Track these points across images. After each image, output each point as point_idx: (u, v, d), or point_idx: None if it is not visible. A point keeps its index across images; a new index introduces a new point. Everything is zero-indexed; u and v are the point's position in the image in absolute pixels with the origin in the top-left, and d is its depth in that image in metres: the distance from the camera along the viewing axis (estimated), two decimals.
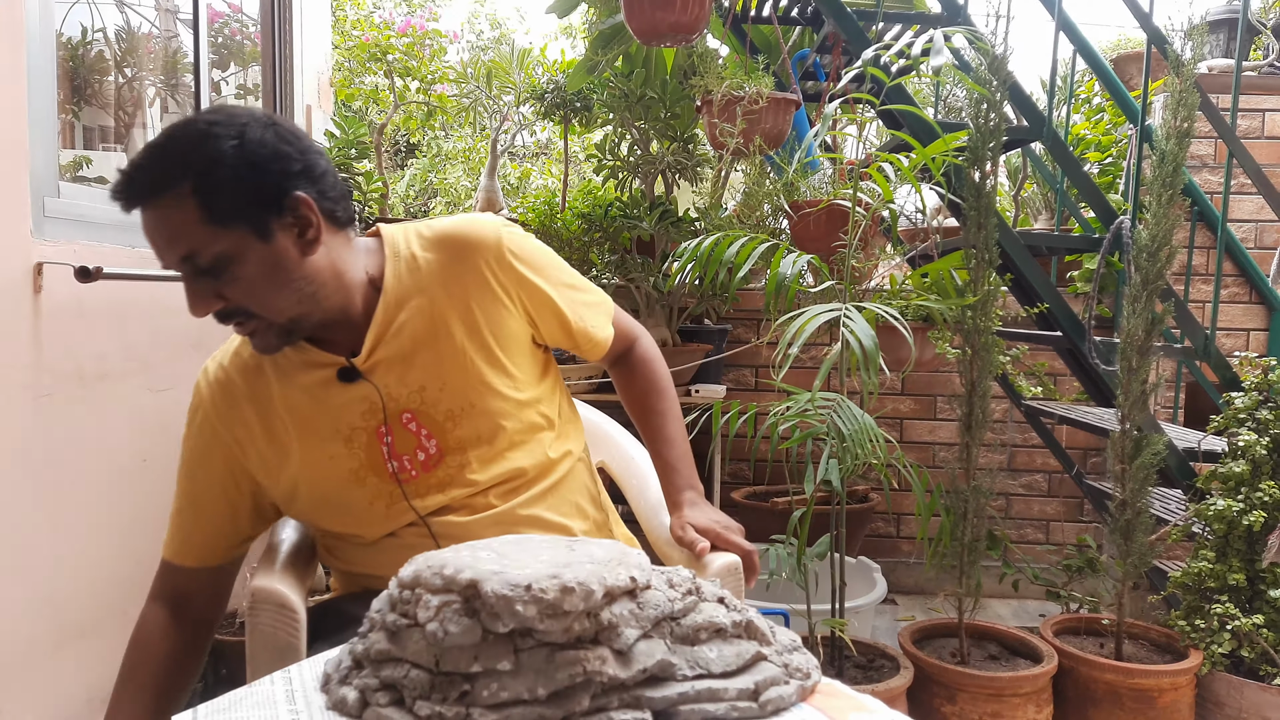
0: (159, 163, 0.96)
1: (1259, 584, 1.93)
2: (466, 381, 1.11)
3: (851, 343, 1.50)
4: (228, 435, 1.14)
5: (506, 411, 1.12)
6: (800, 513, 1.76)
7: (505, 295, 1.13)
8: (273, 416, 1.13)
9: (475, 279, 1.12)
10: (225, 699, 0.73)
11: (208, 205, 0.96)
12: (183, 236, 0.96)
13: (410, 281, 1.11)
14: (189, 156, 0.96)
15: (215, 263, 0.98)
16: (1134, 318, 1.96)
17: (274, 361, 1.13)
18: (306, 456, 1.11)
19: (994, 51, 1.94)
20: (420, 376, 1.11)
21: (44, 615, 1.63)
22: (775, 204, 2.13)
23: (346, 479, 1.11)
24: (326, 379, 1.11)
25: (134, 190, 0.97)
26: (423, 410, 1.11)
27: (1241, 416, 2.02)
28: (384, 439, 1.10)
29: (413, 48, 3.16)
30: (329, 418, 1.11)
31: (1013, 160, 3.38)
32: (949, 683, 1.86)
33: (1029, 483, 3.14)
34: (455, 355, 1.11)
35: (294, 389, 1.12)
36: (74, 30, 1.94)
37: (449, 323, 1.11)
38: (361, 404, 1.11)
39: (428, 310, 1.10)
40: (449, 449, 1.11)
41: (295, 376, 1.12)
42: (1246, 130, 2.85)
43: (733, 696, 0.70)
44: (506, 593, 0.65)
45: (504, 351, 1.13)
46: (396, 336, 1.10)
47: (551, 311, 1.18)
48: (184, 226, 0.96)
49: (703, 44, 2.65)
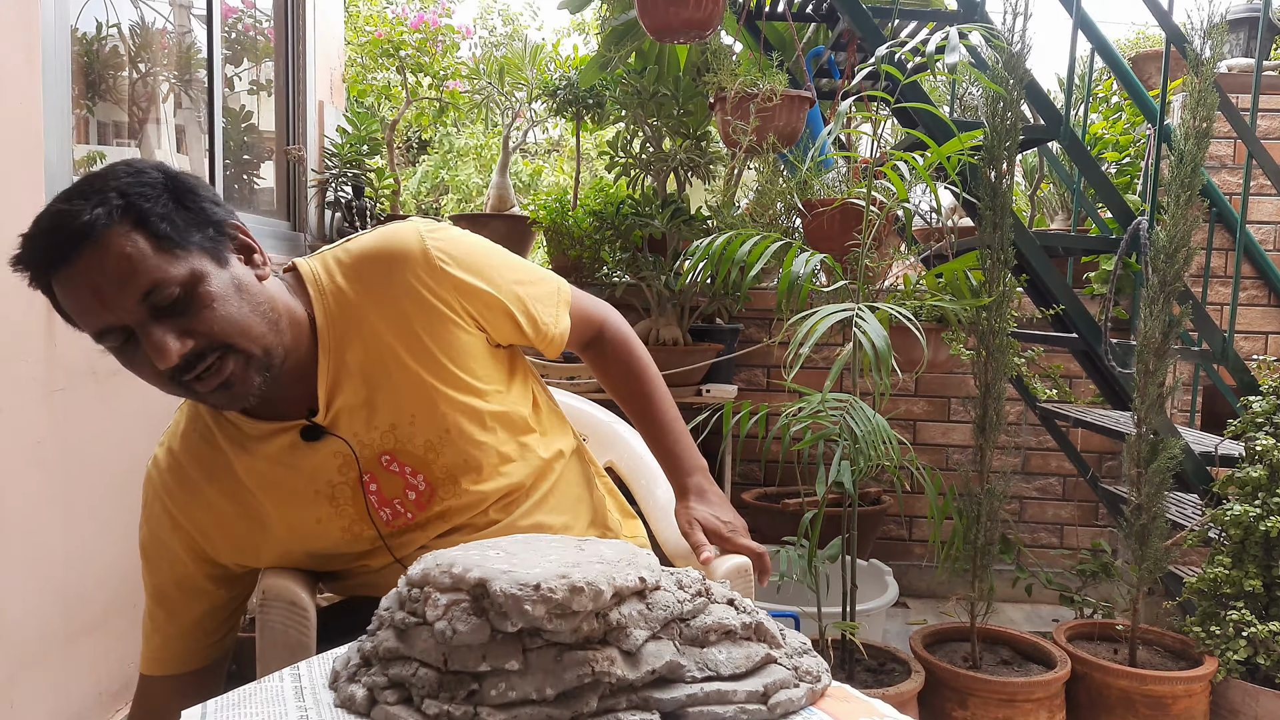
0: (87, 203, 0.84)
1: (1275, 590, 1.91)
2: (434, 408, 1.03)
3: (864, 343, 1.49)
4: (189, 524, 1.05)
5: (484, 427, 1.05)
6: (812, 514, 1.75)
7: (445, 307, 1.02)
8: (241, 493, 1.04)
9: (409, 297, 1.00)
10: (234, 694, 0.73)
11: (156, 233, 0.85)
12: (140, 271, 0.84)
13: (342, 317, 1.00)
14: (121, 186, 0.86)
15: (182, 292, 0.86)
16: (1151, 320, 1.94)
17: (228, 436, 1.03)
18: (291, 524, 1.05)
19: (1011, 49, 1.92)
20: (387, 416, 1.02)
21: (56, 609, 1.64)
22: (788, 202, 2.12)
23: (341, 537, 1.06)
24: (291, 443, 1.01)
25: (61, 241, 0.83)
26: (400, 448, 1.03)
27: (1259, 421, 2.00)
28: (368, 488, 1.03)
29: (425, 43, 3.16)
30: (304, 481, 1.03)
31: (1029, 159, 3.36)
32: (961, 687, 1.85)
33: (1043, 486, 3.12)
34: (414, 384, 1.02)
35: (258, 460, 1.02)
36: (89, 25, 1.95)
37: (396, 352, 1.01)
38: (335, 459, 1.03)
39: (370, 344, 1.00)
40: (437, 481, 1.05)
41: (255, 449, 1.02)
42: (1266, 130, 2.82)
43: (742, 699, 0.69)
44: (515, 592, 0.65)
45: (460, 367, 1.04)
46: (349, 380, 1.01)
47: (499, 312, 1.07)
48: (138, 261, 0.84)
49: (716, 40, 2.64)
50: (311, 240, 2.88)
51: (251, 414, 1.02)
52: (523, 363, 1.20)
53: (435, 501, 1.06)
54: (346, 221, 2.91)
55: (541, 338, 1.13)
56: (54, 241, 0.84)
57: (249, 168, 2.73)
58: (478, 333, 1.06)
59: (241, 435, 1.03)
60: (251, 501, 1.04)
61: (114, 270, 0.83)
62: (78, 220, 0.83)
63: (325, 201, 2.95)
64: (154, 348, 0.86)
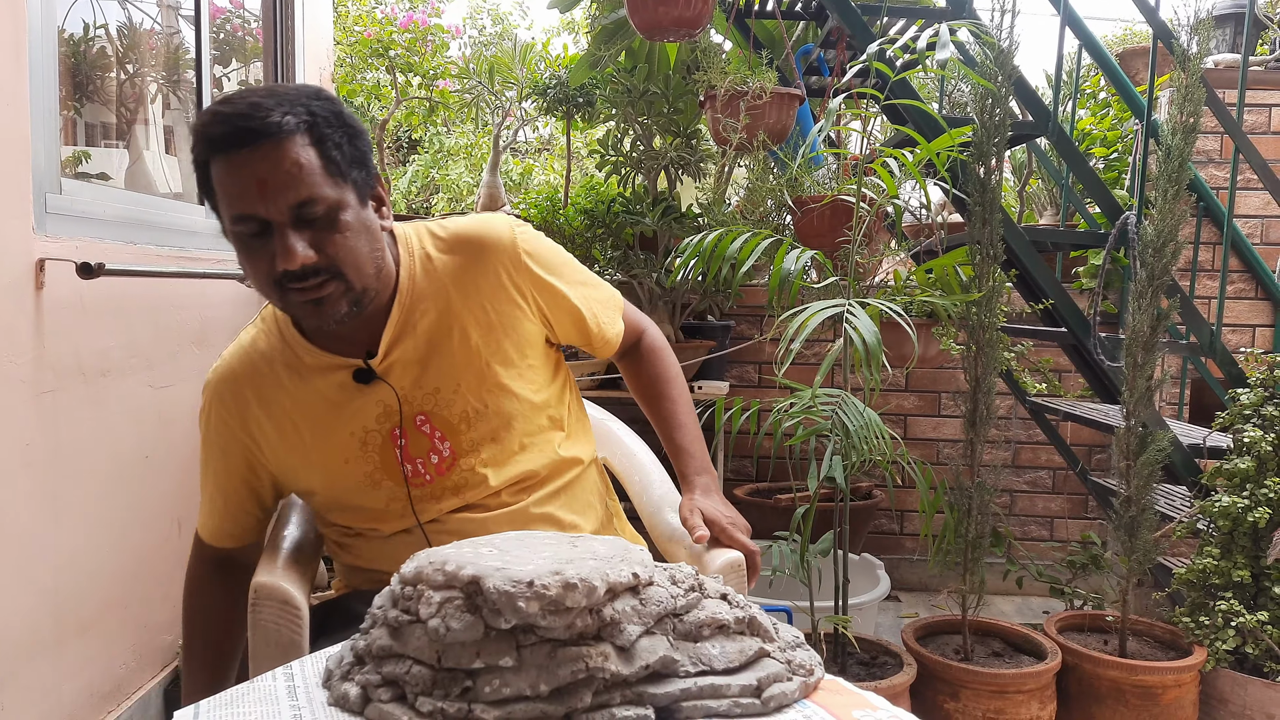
0: (281, 106, 0.93)
1: (1264, 581, 1.93)
2: (481, 384, 1.10)
3: (855, 339, 1.49)
4: (243, 433, 1.14)
5: (519, 413, 1.12)
6: (804, 509, 1.76)
7: (520, 297, 1.12)
8: (284, 420, 1.11)
9: (491, 281, 1.10)
10: (228, 694, 0.73)
11: (326, 157, 0.95)
12: (303, 182, 0.93)
13: (425, 282, 1.10)
14: (310, 106, 0.95)
15: (326, 213, 0.95)
16: (1139, 314, 1.95)
17: (287, 364, 1.11)
18: (321, 460, 1.11)
19: (999, 46, 1.93)
20: (435, 378, 1.10)
21: (46, 611, 1.63)
22: (779, 199, 2.12)
23: (361, 482, 1.11)
24: (342, 381, 1.09)
25: (245, 129, 0.91)
26: (436, 413, 1.10)
27: (1247, 413, 2.02)
28: (398, 442, 1.10)
29: (415, 43, 3.15)
30: (344, 421, 1.10)
31: (1018, 155, 3.37)
32: (952, 679, 1.86)
33: (1033, 479, 3.13)
34: (470, 358, 1.10)
35: (309, 391, 1.10)
36: (76, 26, 1.94)
37: (464, 325, 1.10)
38: (376, 407, 1.10)
39: (443, 312, 1.09)
40: (462, 451, 1.11)
41: (310, 379, 1.10)
42: (1253, 125, 2.83)
43: (735, 693, 0.69)
44: (509, 589, 0.65)
45: (518, 354, 1.12)
46: (412, 337, 1.09)
47: (568, 312, 1.17)
48: (306, 172, 0.93)
49: (706, 39, 2.64)
50: None
51: (316, 343, 1.09)
52: (565, 369, 1.25)
53: (454, 471, 1.10)
54: None
55: (599, 339, 1.22)
56: (239, 127, 0.92)
57: None
58: (541, 327, 1.15)
59: (300, 364, 1.10)
60: (292, 431, 1.11)
61: (283, 171, 0.92)
62: (268, 118, 0.92)
63: None
64: (284, 249, 0.94)
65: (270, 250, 0.95)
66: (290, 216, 0.94)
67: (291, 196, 0.93)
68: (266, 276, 0.97)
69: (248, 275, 1.01)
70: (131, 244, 1.87)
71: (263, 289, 0.99)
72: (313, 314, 1.00)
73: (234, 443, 1.15)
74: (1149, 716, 1.87)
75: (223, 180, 0.95)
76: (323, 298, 0.98)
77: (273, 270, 0.95)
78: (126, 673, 1.91)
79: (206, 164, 0.96)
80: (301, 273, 0.95)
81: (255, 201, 0.93)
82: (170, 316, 2.02)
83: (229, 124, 0.92)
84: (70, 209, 1.69)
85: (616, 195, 2.73)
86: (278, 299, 1.00)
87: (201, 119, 0.95)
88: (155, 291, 1.96)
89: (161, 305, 1.98)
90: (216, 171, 0.95)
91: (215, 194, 0.97)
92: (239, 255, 0.99)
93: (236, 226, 0.96)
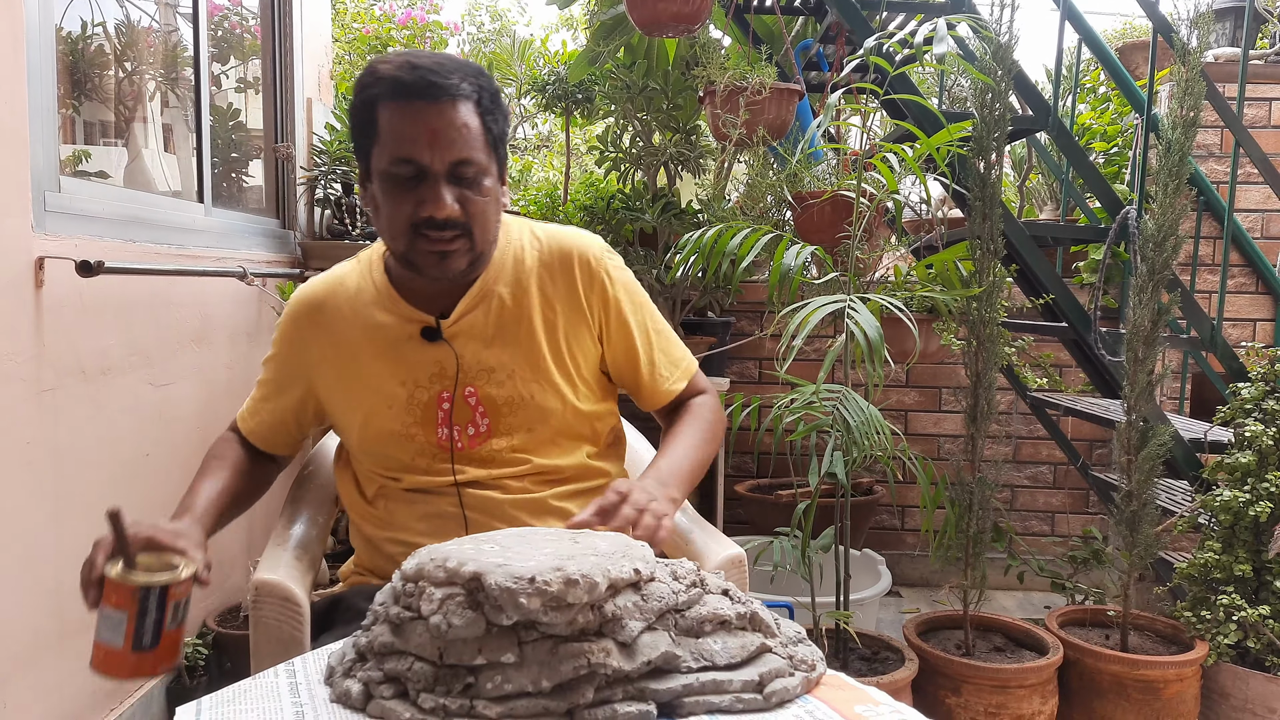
0: (459, 72, 1.03)
1: (1265, 575, 1.93)
2: (533, 375, 1.15)
3: (856, 334, 1.49)
4: (307, 353, 1.20)
5: (559, 413, 1.17)
6: (805, 505, 1.75)
7: (589, 313, 1.19)
8: (347, 352, 1.17)
9: (568, 289, 1.18)
10: (230, 690, 0.73)
11: (488, 128, 1.05)
12: (467, 143, 1.03)
13: (512, 269, 1.17)
14: (480, 80, 1.06)
15: (475, 176, 1.04)
16: (1140, 308, 1.95)
17: (368, 304, 1.17)
18: (368, 401, 1.16)
19: (999, 40, 1.92)
20: (493, 358, 1.15)
21: (48, 610, 1.63)
22: (779, 195, 2.12)
23: (395, 429, 1.15)
24: (411, 334, 1.15)
25: (425, 85, 1.00)
26: (485, 390, 1.15)
27: (1248, 407, 2.01)
28: (443, 404, 1.15)
29: (413, 40, 3.15)
30: (399, 370, 1.15)
31: (1018, 150, 3.37)
32: (954, 674, 1.86)
33: (1034, 474, 3.13)
34: (530, 350, 1.16)
35: (379, 335, 1.16)
36: (74, 25, 1.93)
37: (533, 319, 1.16)
38: (433, 366, 1.15)
39: (519, 301, 1.16)
40: (497, 432, 1.15)
41: (384, 324, 1.16)
42: (1253, 119, 2.83)
43: (737, 688, 0.69)
44: (510, 585, 0.65)
45: (573, 363, 1.18)
46: (485, 313, 1.15)
47: (625, 343, 1.21)
48: (470, 136, 1.03)
49: (705, 34, 2.63)
50: (301, 238, 2.87)
51: (405, 294, 1.16)
52: (616, 412, 1.28)
53: (485, 448, 1.15)
54: (336, 219, 2.90)
55: (648, 387, 1.24)
56: (427, 80, 1.01)
57: (237, 166, 2.72)
58: (598, 346, 1.21)
59: (380, 307, 1.16)
60: (351, 363, 1.17)
61: (452, 129, 1.02)
62: (448, 80, 1.02)
63: (315, 199, 2.94)
64: (436, 196, 1.02)
65: (417, 196, 1.03)
66: (447, 170, 1.03)
67: (454, 153, 1.02)
68: (405, 219, 1.04)
69: (381, 214, 1.07)
70: (131, 242, 1.86)
71: (394, 230, 1.06)
72: (435, 264, 1.07)
73: (296, 359, 1.21)
74: (1150, 711, 1.87)
75: (394, 123, 1.02)
76: (450, 251, 1.06)
77: (414, 214, 1.03)
78: None
79: (375, 104, 1.03)
80: (442, 223, 1.03)
81: (422, 149, 1.01)
82: (170, 314, 2.02)
83: (417, 74, 1.01)
84: (69, 207, 1.69)
85: (616, 191, 2.72)
86: (406, 242, 1.06)
87: (388, 64, 1.03)
88: (155, 290, 1.95)
89: (161, 303, 1.98)
90: (388, 114, 1.02)
91: (376, 134, 1.04)
92: (381, 195, 1.06)
93: (395, 168, 1.03)
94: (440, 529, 1.12)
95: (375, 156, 1.05)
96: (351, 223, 2.88)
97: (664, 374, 1.24)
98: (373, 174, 1.06)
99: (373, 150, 1.05)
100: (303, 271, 2.76)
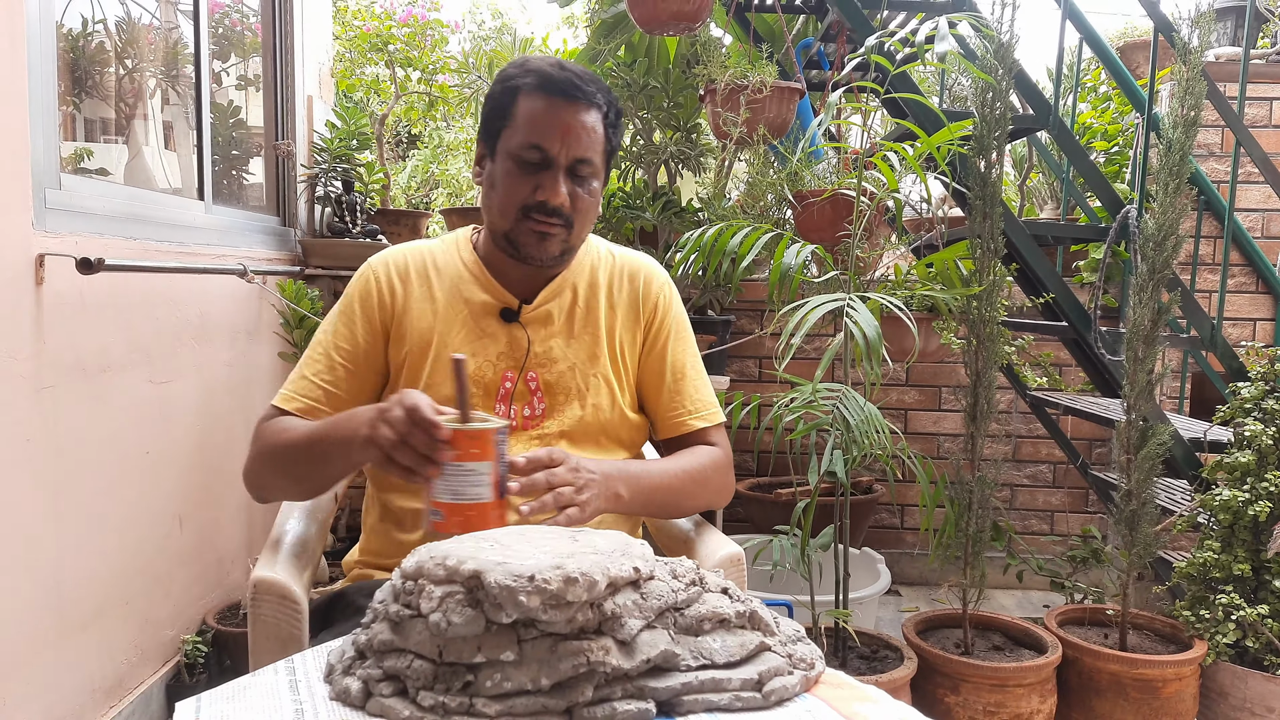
0: (596, 84, 1.15)
1: (1264, 574, 1.93)
2: (592, 371, 1.23)
3: (855, 333, 1.49)
4: (388, 310, 1.22)
5: (607, 412, 1.23)
6: (804, 504, 1.76)
7: (641, 327, 1.28)
8: (430, 320, 1.20)
9: (631, 301, 1.28)
10: (229, 687, 0.73)
11: (608, 138, 1.18)
12: (591, 145, 1.14)
13: (589, 273, 1.27)
14: (610, 98, 1.18)
15: (588, 175, 1.16)
16: (1140, 307, 1.95)
17: (456, 277, 1.22)
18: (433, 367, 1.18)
19: (1000, 39, 1.92)
20: (560, 349, 1.22)
21: (47, 607, 1.63)
22: (779, 194, 2.12)
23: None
24: (491, 311, 1.21)
25: (569, 85, 1.12)
26: (546, 378, 1.21)
27: (1248, 406, 2.01)
28: (506, 383, 1.20)
29: (414, 37, 3.14)
30: (473, 345, 1.20)
31: (1018, 149, 3.37)
32: (953, 673, 1.86)
33: (1034, 473, 3.13)
34: (594, 347, 1.23)
35: (460, 306, 1.21)
36: (74, 22, 1.93)
37: (599, 319, 1.24)
38: (504, 345, 1.21)
39: (589, 303, 1.25)
40: (550, 416, 1.21)
41: (469, 300, 1.22)
42: (1254, 118, 2.83)
43: (736, 687, 0.70)
44: (510, 583, 0.65)
45: (625, 367, 1.26)
46: (560, 304, 1.23)
47: (659, 364, 1.28)
48: (596, 140, 1.15)
49: (706, 33, 2.63)
50: (302, 235, 2.86)
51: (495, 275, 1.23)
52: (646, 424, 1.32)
53: (533, 429, 1.20)
54: (337, 216, 2.90)
55: (669, 408, 1.28)
56: (573, 83, 1.13)
57: (238, 163, 2.72)
58: (639, 358, 1.29)
59: (468, 281, 1.22)
60: (427, 332, 1.20)
61: (581, 129, 1.13)
62: (587, 87, 1.14)
63: (315, 196, 2.94)
64: (554, 184, 1.12)
65: (535, 181, 1.12)
66: (568, 164, 1.13)
67: (578, 150, 1.13)
68: (519, 200, 1.13)
69: (495, 192, 1.15)
70: (131, 239, 1.86)
71: (505, 207, 1.14)
72: (535, 244, 1.16)
73: (375, 315, 1.21)
74: (1149, 710, 1.87)
75: (533, 112, 1.12)
76: (550, 234, 1.15)
77: (529, 197, 1.13)
78: (128, 668, 1.91)
79: (517, 92, 1.13)
80: (553, 209, 1.13)
81: (554, 140, 1.11)
82: (170, 312, 2.02)
83: (565, 75, 1.13)
84: (70, 204, 1.69)
85: (616, 190, 2.72)
86: (513, 222, 1.15)
87: (539, 60, 1.15)
88: (155, 287, 1.95)
89: (161, 300, 1.98)
90: (529, 103, 1.12)
91: (512, 119, 1.13)
92: (501, 174, 1.14)
93: (524, 152, 1.12)
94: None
95: (505, 137, 1.14)
96: (352, 220, 2.88)
97: (687, 406, 1.28)
98: (497, 154, 1.15)
99: (503, 132, 1.14)
100: (303, 269, 2.76)
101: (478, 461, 0.90)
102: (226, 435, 2.29)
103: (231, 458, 2.32)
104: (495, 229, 1.18)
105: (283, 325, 2.45)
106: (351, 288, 1.24)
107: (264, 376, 2.48)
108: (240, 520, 2.39)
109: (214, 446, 2.22)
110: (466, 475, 0.90)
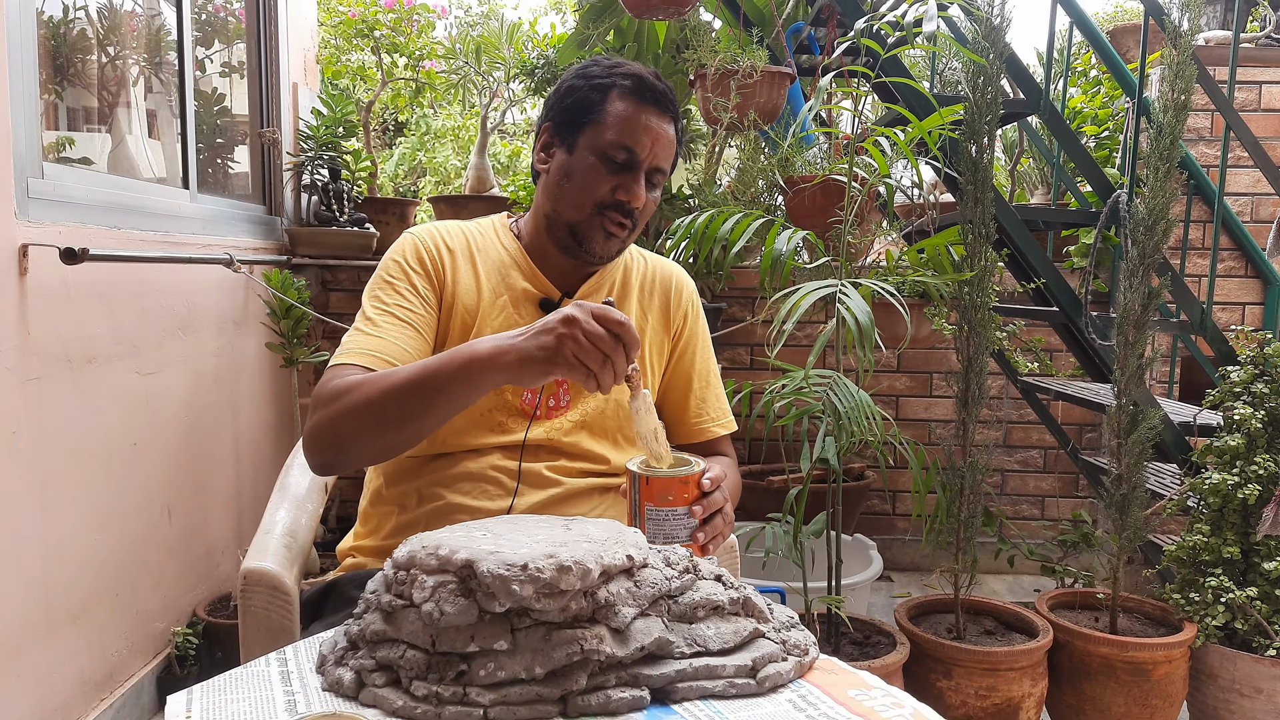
0: (677, 103, 1.21)
1: (1253, 557, 1.94)
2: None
3: (847, 319, 1.49)
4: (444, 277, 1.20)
5: (625, 406, 1.22)
6: (796, 491, 1.76)
7: (669, 332, 1.31)
8: (475, 299, 1.20)
9: (661, 305, 1.31)
10: (220, 679, 0.72)
11: (676, 152, 1.22)
12: (668, 157, 1.20)
13: (623, 272, 1.30)
14: (682, 120, 1.24)
15: (658, 184, 1.21)
16: (1130, 292, 1.95)
17: (499, 263, 1.23)
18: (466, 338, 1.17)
19: (991, 22, 1.91)
20: None
21: (35, 600, 1.62)
22: (770, 180, 2.11)
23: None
24: (531, 298, 1.22)
25: (658, 97, 1.17)
26: None
27: (1237, 390, 2.02)
28: None
29: (400, 23, 3.11)
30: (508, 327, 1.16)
31: (1009, 134, 3.36)
32: (945, 658, 1.87)
33: (1025, 459, 3.15)
34: None
35: (504, 295, 1.21)
36: (55, 9, 1.90)
37: (627, 311, 1.26)
38: None
39: (622, 300, 1.28)
40: (574, 407, 1.23)
41: (512, 286, 1.22)
42: (1243, 102, 2.83)
43: (730, 673, 0.69)
44: (503, 572, 0.65)
45: (650, 369, 1.28)
46: (597, 300, 1.21)
47: (687, 372, 1.31)
48: (670, 153, 1.20)
49: (695, 17, 2.61)
50: (288, 224, 2.84)
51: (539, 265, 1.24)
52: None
53: (557, 417, 1.21)
54: (323, 205, 2.87)
55: (695, 414, 1.31)
56: (667, 96, 1.19)
57: (222, 151, 2.69)
58: (665, 363, 1.32)
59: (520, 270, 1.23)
60: (464, 314, 1.20)
61: (666, 140, 1.19)
62: (674, 102, 1.20)
63: (301, 185, 2.91)
64: (636, 187, 1.16)
65: (615, 180, 1.15)
66: (648, 169, 1.17)
67: (659, 159, 1.18)
68: (597, 196, 1.16)
69: (571, 183, 1.16)
70: (115, 229, 1.84)
71: (580, 200, 1.16)
72: (601, 241, 1.19)
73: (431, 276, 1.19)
74: (1140, 692, 1.89)
75: (626, 114, 1.15)
76: (616, 235, 1.18)
77: (608, 195, 1.16)
78: (119, 660, 1.90)
79: (610, 90, 1.16)
80: (629, 211, 1.17)
81: (645, 144, 1.15)
82: (156, 302, 2.00)
83: (662, 87, 1.18)
84: (53, 194, 1.66)
85: None
86: (589, 215, 1.17)
87: (636, 66, 1.19)
88: (140, 277, 1.93)
89: (146, 291, 1.96)
90: (624, 105, 1.15)
91: (603, 116, 1.15)
92: (583, 168, 1.16)
93: (613, 151, 1.15)
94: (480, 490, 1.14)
95: (590, 133, 1.15)
96: (339, 208, 2.86)
97: (711, 414, 1.32)
98: (578, 147, 1.16)
99: (588, 127, 1.16)
100: (290, 258, 2.74)
101: (685, 505, 0.92)
102: (214, 425, 2.27)
103: (220, 447, 2.30)
104: (559, 219, 1.19)
105: (270, 315, 2.43)
106: (399, 255, 1.19)
107: (251, 366, 2.46)
108: (230, 511, 2.38)
109: (202, 437, 2.21)
110: (679, 519, 0.91)
